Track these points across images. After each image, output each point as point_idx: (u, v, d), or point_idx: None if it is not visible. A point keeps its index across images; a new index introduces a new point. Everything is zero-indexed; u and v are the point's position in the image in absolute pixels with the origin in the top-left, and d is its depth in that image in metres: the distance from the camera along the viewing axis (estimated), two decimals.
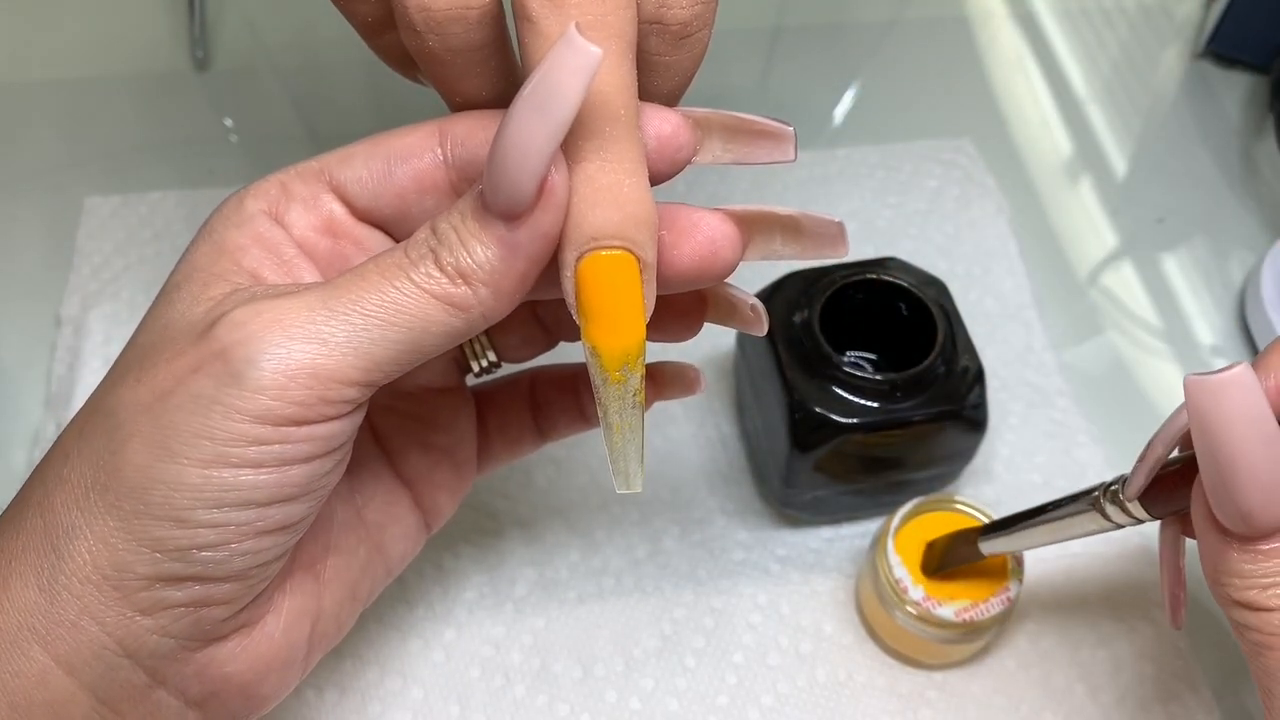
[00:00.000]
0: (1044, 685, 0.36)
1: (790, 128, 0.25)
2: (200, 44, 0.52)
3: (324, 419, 0.23)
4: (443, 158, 0.25)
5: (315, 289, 0.23)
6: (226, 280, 0.24)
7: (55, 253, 0.45)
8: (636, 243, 0.22)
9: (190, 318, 0.23)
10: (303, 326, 0.22)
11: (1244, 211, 0.50)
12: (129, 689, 0.24)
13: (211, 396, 0.22)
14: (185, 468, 0.22)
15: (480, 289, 0.23)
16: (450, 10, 0.23)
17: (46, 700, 0.23)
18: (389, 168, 0.25)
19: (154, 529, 0.22)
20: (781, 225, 0.26)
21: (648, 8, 0.23)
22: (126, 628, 0.23)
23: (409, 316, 0.23)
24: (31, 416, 0.41)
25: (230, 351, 0.22)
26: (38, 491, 0.24)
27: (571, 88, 0.20)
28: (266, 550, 0.24)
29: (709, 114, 0.25)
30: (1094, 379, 0.45)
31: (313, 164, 0.25)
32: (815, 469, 0.36)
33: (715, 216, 0.25)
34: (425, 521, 0.31)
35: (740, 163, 0.25)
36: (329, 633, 0.28)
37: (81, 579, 0.23)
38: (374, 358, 0.23)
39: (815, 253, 0.27)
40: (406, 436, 0.30)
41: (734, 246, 0.25)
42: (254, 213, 0.25)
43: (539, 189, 0.22)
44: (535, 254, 0.23)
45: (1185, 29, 0.58)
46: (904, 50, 0.56)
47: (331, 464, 0.24)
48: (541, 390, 0.33)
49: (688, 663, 0.37)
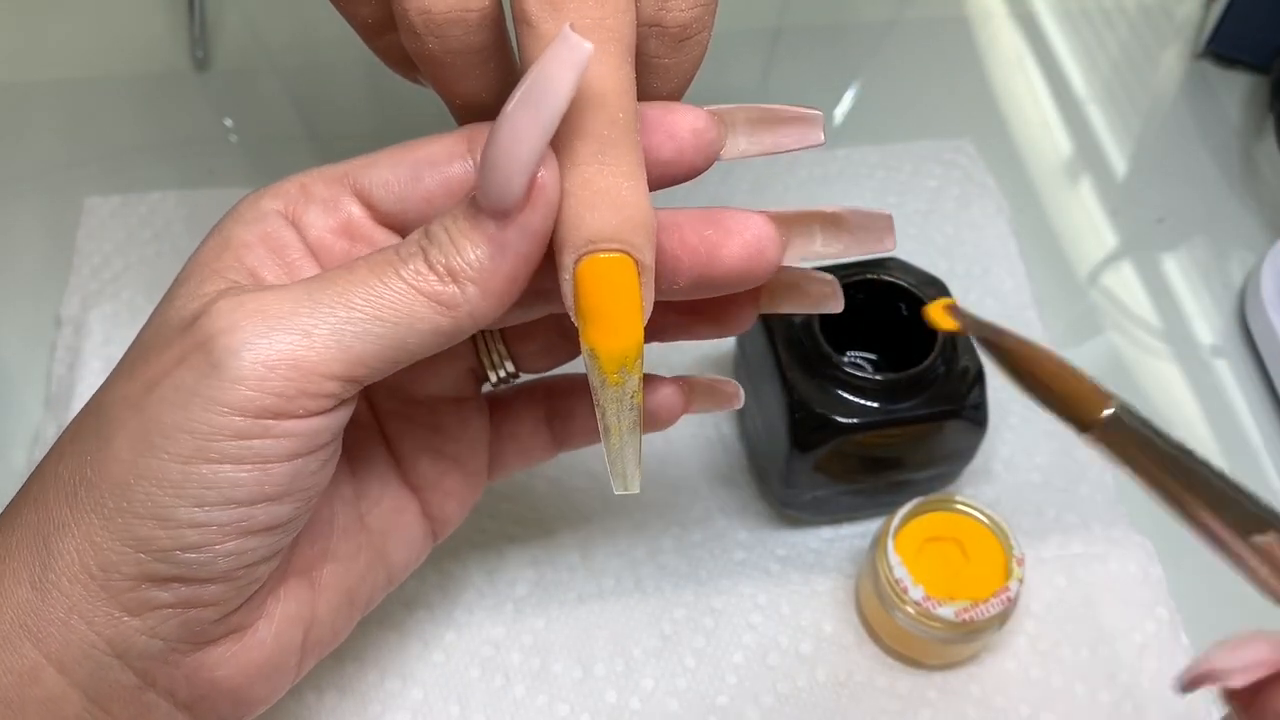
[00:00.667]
0: (1044, 685, 0.36)
1: (818, 111, 0.25)
2: (200, 44, 0.52)
3: (306, 413, 0.23)
4: (472, 165, 0.25)
5: (302, 283, 0.23)
6: (224, 277, 0.24)
7: (55, 253, 0.45)
8: (634, 245, 0.22)
9: (184, 313, 0.23)
10: (285, 318, 0.22)
11: (1244, 211, 0.50)
12: (119, 689, 0.24)
13: (192, 388, 0.22)
14: (166, 463, 0.22)
15: (468, 287, 0.23)
16: (450, 13, 0.23)
17: (39, 697, 0.23)
18: (417, 173, 0.25)
19: (137, 528, 0.22)
20: (822, 222, 0.26)
21: (646, 10, 0.23)
22: (115, 628, 0.23)
23: (394, 312, 0.22)
24: (31, 416, 0.41)
25: (212, 342, 0.22)
26: (34, 487, 0.24)
27: (562, 82, 0.20)
28: (252, 552, 0.23)
29: (730, 108, 0.25)
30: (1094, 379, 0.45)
31: (337, 168, 0.25)
32: (815, 469, 0.36)
33: (759, 217, 0.25)
34: (432, 530, 0.31)
35: (768, 153, 0.25)
36: (323, 639, 0.28)
37: (70, 577, 0.23)
38: (357, 352, 0.22)
39: (860, 249, 0.26)
40: (417, 444, 0.30)
41: (777, 246, 0.25)
42: (268, 211, 0.25)
43: (529, 187, 0.21)
44: (524, 253, 0.23)
45: (1185, 29, 0.58)
46: (904, 50, 0.56)
47: (317, 463, 0.24)
48: (561, 400, 0.32)
49: (687, 663, 0.37)
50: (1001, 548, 0.35)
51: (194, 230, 0.46)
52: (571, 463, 0.40)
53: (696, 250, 0.24)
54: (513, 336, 0.30)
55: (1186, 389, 0.45)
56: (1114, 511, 0.40)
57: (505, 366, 0.30)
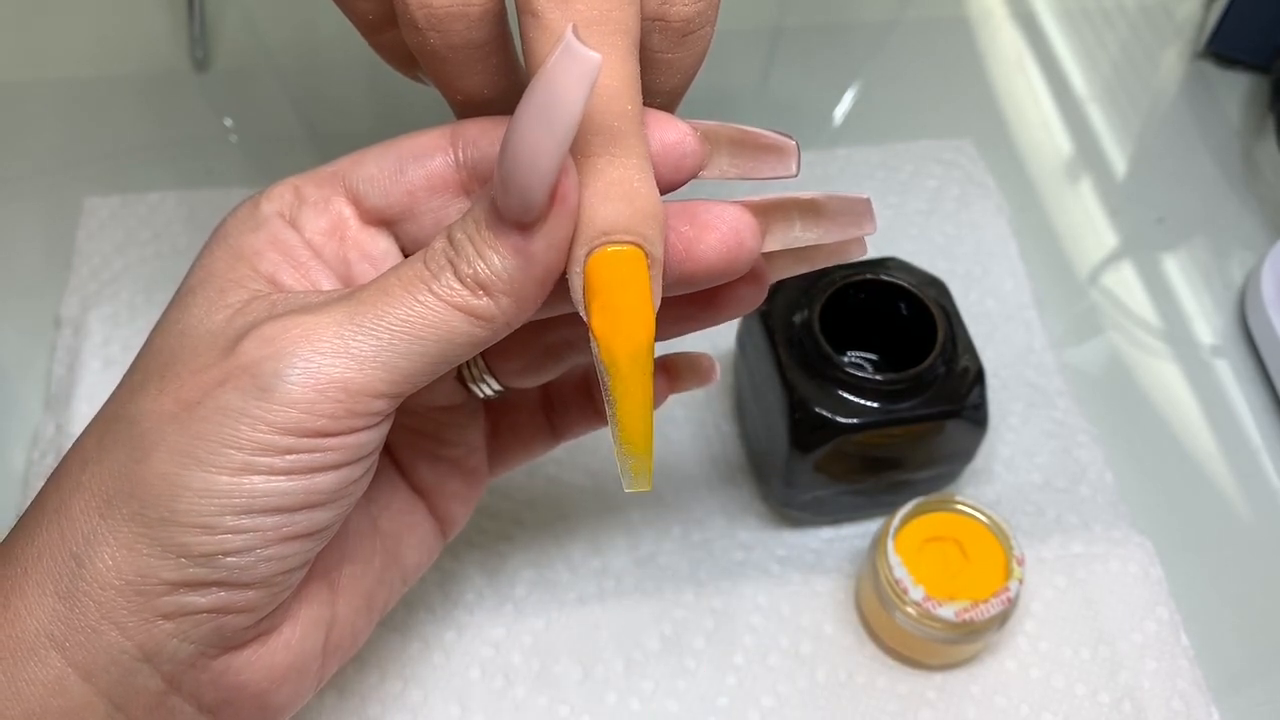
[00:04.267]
0: (1044, 685, 0.36)
1: (792, 140, 0.25)
2: (200, 44, 0.52)
3: (352, 430, 0.23)
4: (454, 159, 0.25)
5: (340, 304, 0.23)
6: (244, 286, 0.24)
7: (55, 253, 0.45)
8: (646, 238, 0.22)
9: (210, 325, 0.23)
10: (330, 341, 0.22)
11: (1244, 211, 0.50)
12: (145, 694, 0.24)
13: (240, 409, 0.22)
14: (214, 475, 0.22)
15: (501, 299, 0.23)
16: (452, 7, 0.23)
17: (62, 708, 0.23)
18: (401, 166, 0.25)
19: (180, 535, 0.22)
20: (800, 209, 0.26)
21: (650, 5, 0.23)
22: (148, 632, 0.23)
23: (433, 329, 0.23)
24: (31, 417, 0.41)
25: (259, 365, 0.22)
26: (53, 499, 0.24)
27: (574, 96, 0.20)
28: (292, 556, 0.24)
29: (717, 127, 0.25)
30: (1094, 379, 0.45)
31: (328, 168, 0.26)
32: (815, 469, 0.36)
33: (735, 208, 0.24)
34: (440, 530, 0.31)
35: (745, 178, 0.25)
36: (344, 643, 0.28)
37: (103, 585, 0.23)
38: (401, 370, 0.23)
39: (841, 233, 0.26)
40: (415, 451, 0.30)
41: (756, 236, 0.24)
42: (269, 215, 0.25)
43: (551, 197, 0.21)
44: (552, 261, 0.23)
45: (1185, 29, 0.58)
46: (904, 50, 0.56)
47: (360, 471, 0.24)
48: (555, 391, 0.33)
49: (688, 664, 0.36)
50: (1001, 548, 0.35)
51: (193, 231, 0.46)
52: (571, 463, 0.40)
53: (674, 247, 0.24)
54: (492, 355, 0.30)
55: (1186, 389, 0.45)
56: (1114, 512, 0.40)
57: (488, 383, 0.31)
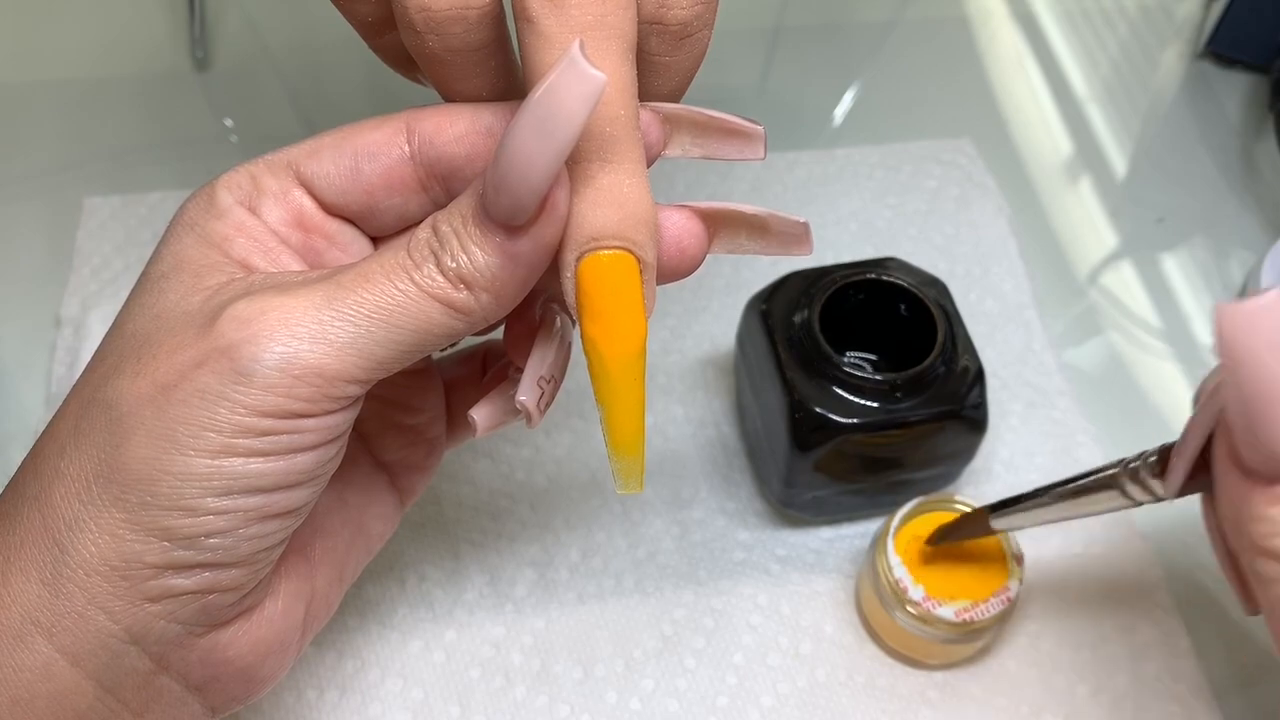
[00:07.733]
0: (1044, 685, 0.36)
1: (760, 127, 0.25)
2: (200, 44, 0.52)
3: (326, 412, 0.23)
4: (409, 154, 0.25)
5: (319, 286, 0.23)
6: (220, 270, 0.24)
7: (55, 253, 0.45)
8: (637, 243, 0.23)
9: (186, 308, 0.24)
10: (307, 326, 0.23)
11: (1244, 211, 0.50)
12: (133, 675, 0.24)
13: (218, 392, 0.22)
14: (193, 459, 0.22)
15: (482, 295, 0.23)
16: (450, 10, 0.23)
17: (50, 692, 0.23)
18: (357, 165, 0.25)
19: (162, 519, 0.23)
20: (748, 224, 0.26)
21: (648, 8, 0.23)
22: (135, 615, 0.23)
23: (411, 318, 0.23)
24: (31, 416, 0.41)
25: (237, 349, 0.22)
26: (32, 486, 0.24)
27: (576, 113, 0.20)
28: (272, 534, 0.24)
29: (678, 109, 0.25)
30: (1094, 379, 0.45)
31: (280, 156, 0.26)
32: (815, 469, 0.36)
33: (681, 214, 0.25)
34: (399, 501, 0.32)
35: (709, 158, 0.26)
36: (320, 613, 0.29)
37: (88, 570, 0.23)
38: (376, 357, 0.23)
39: (780, 250, 0.27)
40: (381, 421, 0.31)
41: (700, 243, 0.25)
42: (230, 204, 0.25)
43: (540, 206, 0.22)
44: (536, 263, 0.23)
45: (1185, 29, 0.58)
46: (904, 50, 0.56)
47: (336, 450, 0.25)
48: (493, 362, 0.33)
49: (688, 663, 0.37)
50: (1001, 548, 0.35)
51: None
52: (572, 462, 0.40)
53: None
54: None
55: (1187, 389, 0.45)
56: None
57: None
